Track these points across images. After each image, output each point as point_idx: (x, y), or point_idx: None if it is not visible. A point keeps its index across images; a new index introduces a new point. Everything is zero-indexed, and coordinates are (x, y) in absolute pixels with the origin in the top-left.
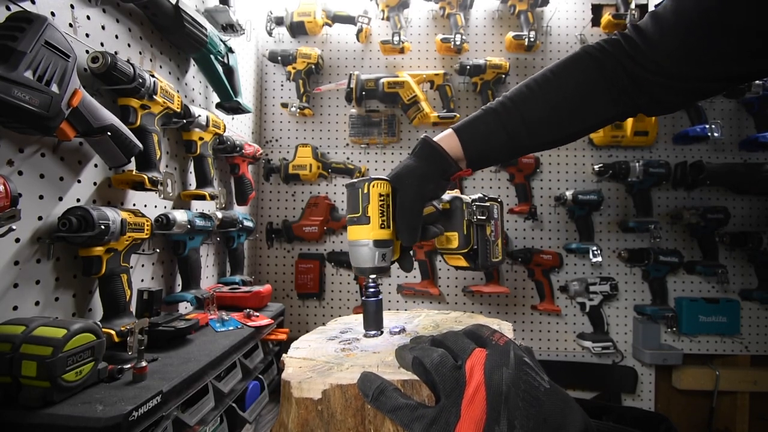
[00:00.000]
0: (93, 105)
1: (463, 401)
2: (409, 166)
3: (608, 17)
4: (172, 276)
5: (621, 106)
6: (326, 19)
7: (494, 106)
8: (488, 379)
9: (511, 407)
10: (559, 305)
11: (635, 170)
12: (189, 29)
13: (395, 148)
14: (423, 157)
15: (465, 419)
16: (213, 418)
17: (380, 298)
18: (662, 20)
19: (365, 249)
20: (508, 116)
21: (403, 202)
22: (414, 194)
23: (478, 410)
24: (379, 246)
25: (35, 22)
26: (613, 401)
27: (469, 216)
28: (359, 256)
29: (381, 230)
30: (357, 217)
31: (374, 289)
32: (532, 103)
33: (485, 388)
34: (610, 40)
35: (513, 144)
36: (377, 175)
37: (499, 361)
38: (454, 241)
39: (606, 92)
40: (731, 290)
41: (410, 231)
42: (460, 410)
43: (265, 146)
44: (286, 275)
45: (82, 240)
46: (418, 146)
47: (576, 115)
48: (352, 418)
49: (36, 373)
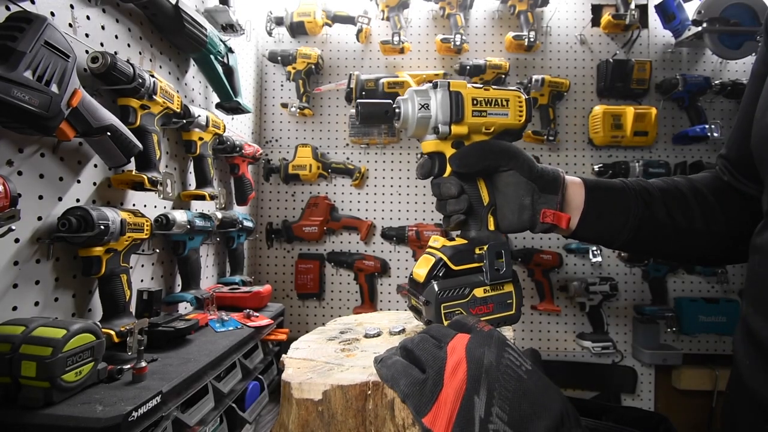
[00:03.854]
0: (93, 105)
1: (446, 372)
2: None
3: (608, 17)
4: (171, 276)
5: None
6: (326, 19)
7: (634, 185)
8: (470, 355)
9: (492, 379)
10: (558, 305)
11: (635, 170)
12: (189, 29)
13: (395, 148)
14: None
15: (446, 388)
16: (213, 419)
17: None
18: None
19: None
20: (649, 196)
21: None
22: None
23: (459, 380)
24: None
25: (35, 22)
26: (612, 401)
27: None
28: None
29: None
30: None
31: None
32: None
33: (466, 362)
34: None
35: (645, 222)
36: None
37: (482, 341)
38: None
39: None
40: (731, 290)
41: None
42: (443, 380)
43: (265, 146)
44: (286, 275)
45: (82, 240)
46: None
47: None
48: (353, 419)
49: (36, 374)
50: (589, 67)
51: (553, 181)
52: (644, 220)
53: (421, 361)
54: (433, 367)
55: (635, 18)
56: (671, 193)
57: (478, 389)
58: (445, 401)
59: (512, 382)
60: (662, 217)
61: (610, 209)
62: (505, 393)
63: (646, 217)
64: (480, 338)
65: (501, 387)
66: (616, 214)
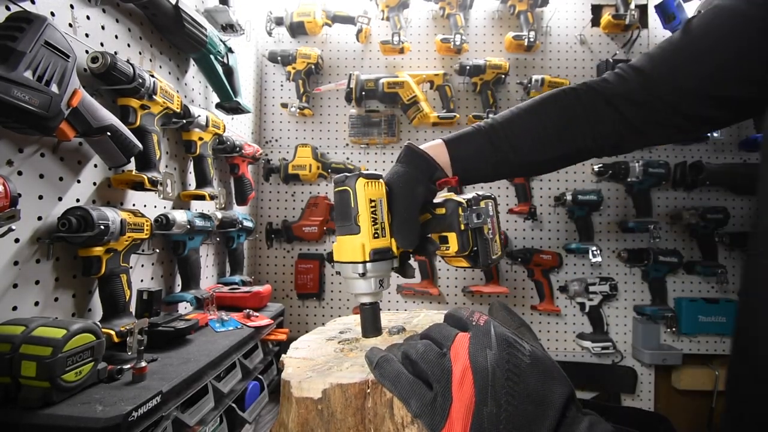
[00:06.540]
0: (93, 105)
1: (453, 385)
2: (397, 172)
3: (608, 17)
4: (171, 276)
5: (597, 138)
6: (326, 19)
7: (483, 125)
8: (474, 362)
9: (497, 387)
10: (558, 305)
11: (635, 170)
12: (189, 29)
13: (395, 148)
14: (408, 162)
15: (456, 402)
16: (213, 419)
17: (377, 302)
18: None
19: (358, 282)
20: (495, 134)
21: (398, 205)
22: (406, 196)
23: (467, 393)
24: (377, 258)
25: (35, 22)
26: (612, 401)
27: (465, 221)
28: (351, 285)
29: (375, 240)
30: (347, 225)
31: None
32: (516, 125)
33: (472, 371)
34: (605, 77)
35: (499, 160)
36: (368, 171)
37: (483, 342)
38: (453, 245)
39: (583, 124)
40: (731, 290)
41: (409, 234)
42: (452, 393)
43: (265, 146)
44: (286, 275)
45: (82, 240)
46: (402, 153)
47: (555, 142)
48: (352, 418)
49: (36, 374)
50: (589, 67)
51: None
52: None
53: (427, 374)
54: (441, 381)
55: (635, 18)
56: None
57: (486, 400)
58: (457, 416)
59: (516, 386)
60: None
61: (470, 147)
62: (510, 400)
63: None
64: (479, 338)
65: (507, 394)
66: (477, 148)
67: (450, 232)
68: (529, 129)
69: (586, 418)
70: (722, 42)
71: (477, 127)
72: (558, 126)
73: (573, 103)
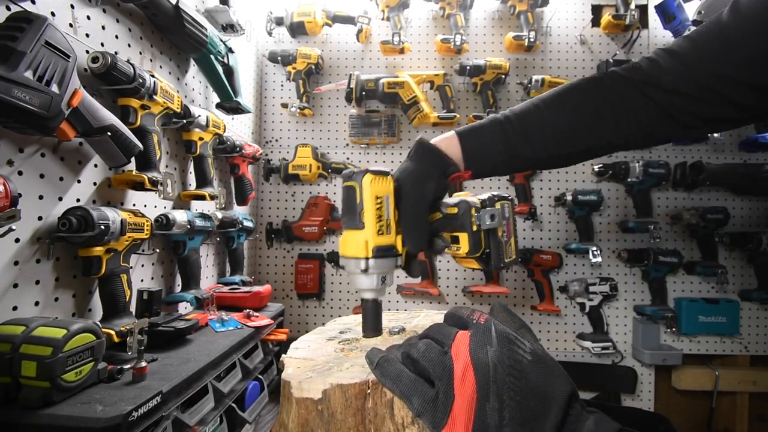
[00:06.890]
0: (93, 105)
1: (454, 382)
2: (406, 169)
3: (608, 18)
4: (171, 276)
5: (624, 129)
6: (326, 19)
7: (500, 117)
8: (474, 359)
9: (499, 383)
10: (558, 305)
11: (635, 170)
12: (189, 29)
13: (395, 148)
14: (419, 157)
15: (458, 398)
16: (213, 419)
17: (380, 300)
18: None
19: (360, 277)
20: (511, 127)
21: (406, 204)
22: (415, 194)
23: (469, 389)
24: (380, 255)
25: (35, 22)
26: (612, 401)
27: (478, 222)
28: (355, 281)
29: (380, 237)
30: (353, 221)
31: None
32: (535, 118)
33: (473, 368)
34: (627, 66)
35: (513, 154)
36: (377, 168)
37: (483, 340)
38: (465, 246)
39: (609, 116)
40: (731, 290)
41: (417, 235)
42: (453, 390)
43: (265, 146)
44: (286, 275)
45: (82, 240)
46: (413, 148)
47: (577, 135)
48: (353, 418)
49: (36, 374)
50: (589, 68)
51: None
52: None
53: (428, 372)
54: (442, 379)
55: (635, 18)
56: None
57: (488, 396)
58: (460, 413)
59: (518, 382)
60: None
61: (484, 140)
62: (513, 395)
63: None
64: (480, 336)
65: (509, 390)
66: (491, 142)
67: (462, 232)
68: (548, 122)
69: (592, 416)
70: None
71: (492, 119)
72: (579, 119)
73: (596, 94)
